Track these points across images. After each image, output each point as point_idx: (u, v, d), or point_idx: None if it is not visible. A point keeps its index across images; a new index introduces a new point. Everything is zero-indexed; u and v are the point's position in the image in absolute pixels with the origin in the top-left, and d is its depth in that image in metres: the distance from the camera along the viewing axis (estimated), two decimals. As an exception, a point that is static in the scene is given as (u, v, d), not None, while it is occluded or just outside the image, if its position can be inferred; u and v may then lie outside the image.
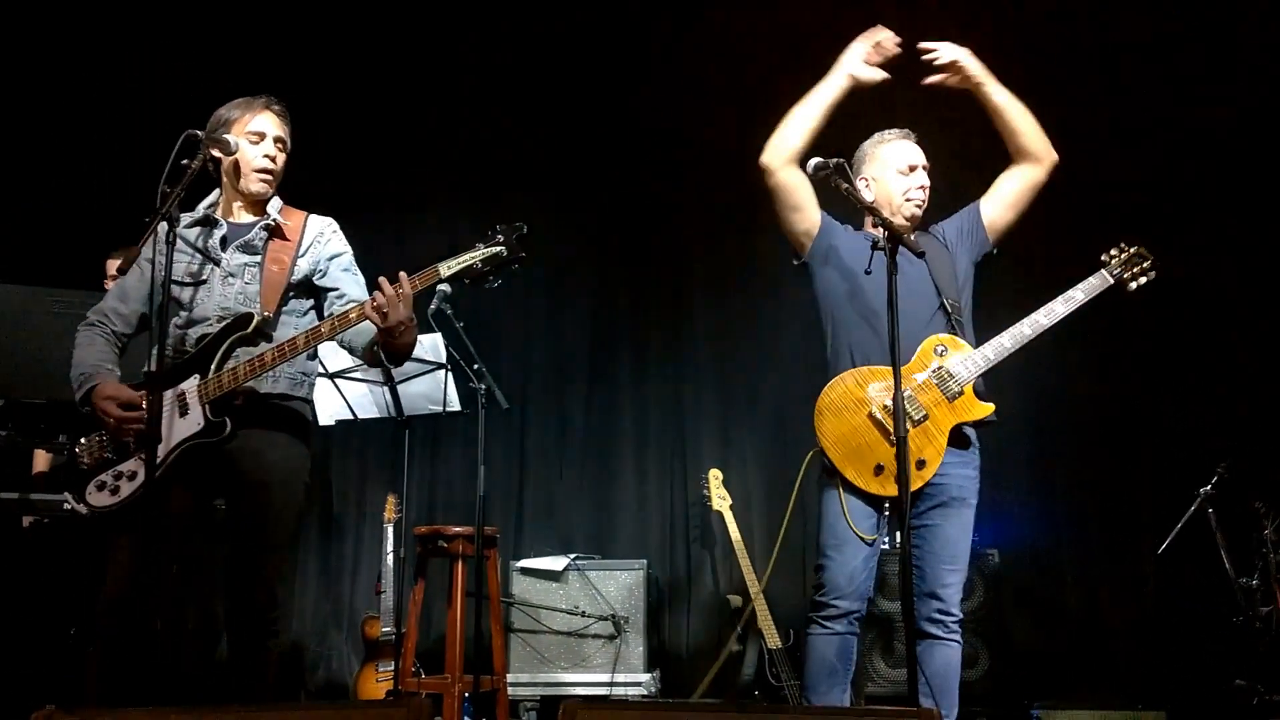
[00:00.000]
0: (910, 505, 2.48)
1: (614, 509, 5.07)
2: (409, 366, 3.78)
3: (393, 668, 3.97)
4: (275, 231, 2.46)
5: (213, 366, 2.28)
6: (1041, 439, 4.93)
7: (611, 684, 4.32)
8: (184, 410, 2.27)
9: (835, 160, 2.49)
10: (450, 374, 3.81)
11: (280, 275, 2.39)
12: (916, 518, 2.57)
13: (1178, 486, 4.24)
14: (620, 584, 4.47)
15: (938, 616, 2.57)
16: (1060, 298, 2.65)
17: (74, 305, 3.58)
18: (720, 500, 4.58)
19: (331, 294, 2.48)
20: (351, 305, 2.32)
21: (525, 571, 4.50)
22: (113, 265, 3.60)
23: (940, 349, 2.58)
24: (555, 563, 4.49)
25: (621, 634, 4.37)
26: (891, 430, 2.38)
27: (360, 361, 2.67)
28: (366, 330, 2.32)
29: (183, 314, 2.37)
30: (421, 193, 5.23)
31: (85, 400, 2.32)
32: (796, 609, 4.31)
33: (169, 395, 2.29)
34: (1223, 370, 4.80)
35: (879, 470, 2.51)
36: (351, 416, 3.97)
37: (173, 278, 2.24)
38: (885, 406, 2.51)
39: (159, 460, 2.08)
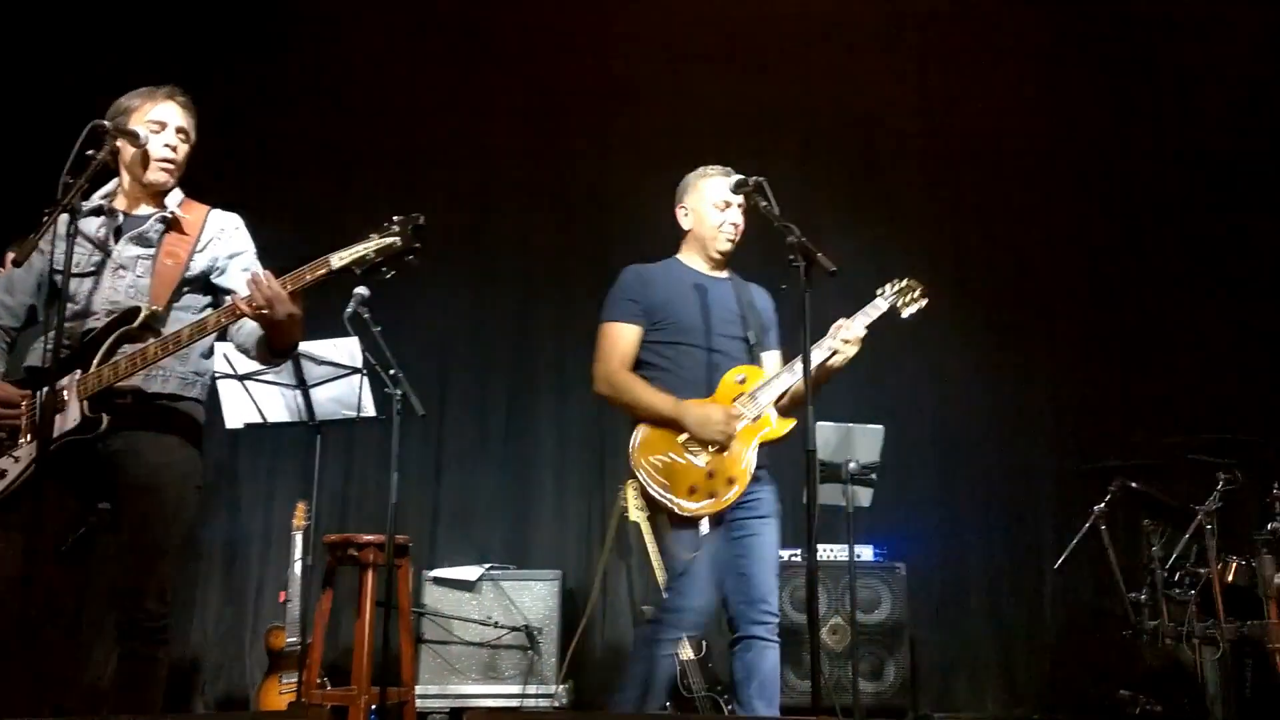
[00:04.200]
0: (729, 518, 2.62)
1: (531, 518, 5.03)
2: (323, 370, 3.71)
3: (297, 679, 3.86)
4: (173, 224, 2.38)
5: (95, 361, 2.20)
6: (948, 455, 5.06)
7: (523, 695, 4.28)
8: (61, 406, 2.18)
9: (755, 179, 2.59)
10: (366, 379, 3.74)
11: (174, 269, 2.31)
12: (740, 527, 2.68)
13: (1076, 503, 4.40)
14: (535, 595, 4.43)
15: (768, 620, 2.61)
16: (846, 320, 2.71)
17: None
18: (638, 511, 4.58)
19: (231, 296, 2.40)
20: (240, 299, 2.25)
21: (438, 581, 4.44)
22: (9, 259, 3.44)
23: (740, 378, 2.72)
24: (469, 572, 4.43)
25: (535, 645, 4.34)
26: (699, 452, 2.61)
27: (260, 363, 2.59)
28: (257, 331, 2.26)
29: (72, 306, 2.28)
30: (342, 188, 5.13)
31: None
32: (710, 623, 4.34)
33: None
34: (1119, 389, 5.01)
35: (693, 491, 2.62)
36: (261, 420, 3.86)
37: (63, 269, 2.15)
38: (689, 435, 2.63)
39: (32, 458, 1.99)
